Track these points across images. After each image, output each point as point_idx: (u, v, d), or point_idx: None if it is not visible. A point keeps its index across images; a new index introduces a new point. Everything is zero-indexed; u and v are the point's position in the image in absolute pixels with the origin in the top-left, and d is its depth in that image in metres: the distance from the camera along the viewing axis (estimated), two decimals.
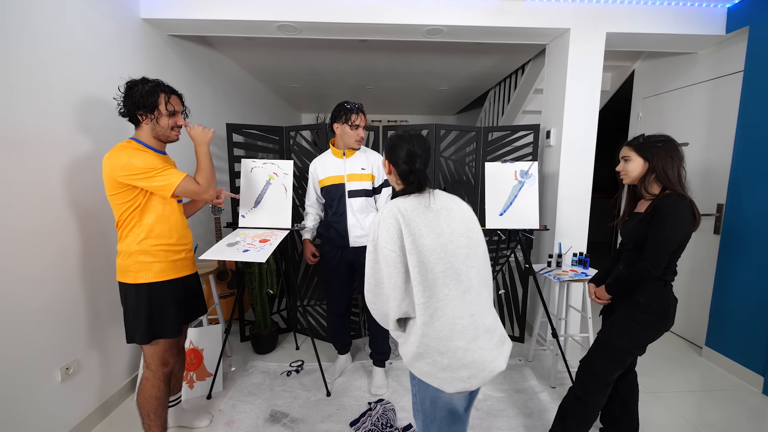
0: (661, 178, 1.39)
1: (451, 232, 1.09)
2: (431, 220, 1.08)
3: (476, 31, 2.40)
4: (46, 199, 1.58)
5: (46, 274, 1.59)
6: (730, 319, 2.37)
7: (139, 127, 1.46)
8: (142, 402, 1.52)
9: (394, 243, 1.04)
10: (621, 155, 1.50)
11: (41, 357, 1.58)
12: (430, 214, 1.09)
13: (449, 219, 1.11)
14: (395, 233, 1.04)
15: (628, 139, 1.53)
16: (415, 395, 1.16)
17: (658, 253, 1.35)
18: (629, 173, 1.47)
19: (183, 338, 1.75)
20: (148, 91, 1.40)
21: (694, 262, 2.74)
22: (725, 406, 2.05)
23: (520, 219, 2.22)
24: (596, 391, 1.49)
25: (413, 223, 1.06)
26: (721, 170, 2.52)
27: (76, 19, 1.74)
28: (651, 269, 1.36)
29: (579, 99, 2.45)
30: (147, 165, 1.35)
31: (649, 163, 1.40)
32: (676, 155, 1.38)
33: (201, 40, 2.89)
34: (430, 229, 1.06)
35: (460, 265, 1.06)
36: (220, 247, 1.85)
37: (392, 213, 1.07)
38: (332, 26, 2.33)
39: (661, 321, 1.41)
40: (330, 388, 2.16)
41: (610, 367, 1.47)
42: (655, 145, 1.40)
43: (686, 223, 1.34)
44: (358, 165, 2.04)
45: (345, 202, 2.03)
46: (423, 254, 1.03)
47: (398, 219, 1.05)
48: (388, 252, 1.04)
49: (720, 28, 2.40)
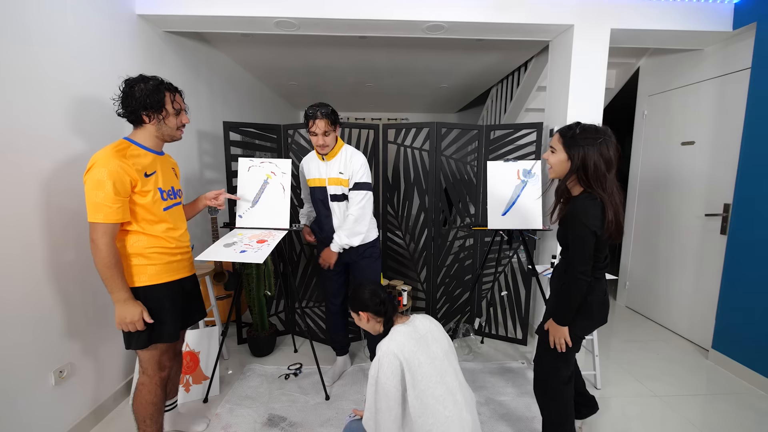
0: (583, 181, 1.28)
1: (440, 350, 1.25)
2: (422, 347, 1.23)
3: (478, 27, 2.40)
4: (39, 201, 1.58)
5: (39, 277, 1.59)
6: (737, 321, 2.37)
7: (141, 128, 1.43)
8: (138, 407, 1.51)
9: (395, 378, 1.16)
10: (550, 143, 1.37)
11: (34, 360, 1.58)
12: (422, 341, 1.24)
13: (434, 339, 1.27)
14: (397, 370, 1.17)
15: (560, 127, 1.38)
16: None
17: (580, 259, 1.29)
18: (553, 166, 1.36)
19: (180, 342, 1.74)
20: (152, 89, 1.38)
21: (700, 262, 2.74)
22: (732, 410, 2.04)
23: (523, 219, 2.22)
24: (555, 389, 1.50)
25: (411, 356, 1.19)
26: (727, 169, 2.52)
27: (69, 14, 1.73)
28: (581, 276, 1.29)
29: (583, 97, 2.45)
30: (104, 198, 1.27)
31: (572, 162, 1.28)
32: (608, 158, 1.25)
33: (197, 37, 2.89)
34: (426, 355, 1.21)
35: (452, 382, 1.22)
36: (217, 248, 1.85)
37: (391, 351, 1.19)
38: (331, 22, 2.33)
39: (587, 317, 1.39)
40: (329, 391, 2.15)
41: (556, 366, 1.48)
42: (586, 143, 1.25)
43: (594, 223, 1.25)
44: (337, 169, 2.02)
45: (328, 206, 2.07)
46: (423, 383, 1.17)
47: (398, 356, 1.17)
48: (389, 387, 1.16)
49: (727, 24, 2.39)
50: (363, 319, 1.38)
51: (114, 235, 1.33)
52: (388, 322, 1.34)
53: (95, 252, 1.30)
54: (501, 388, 2.21)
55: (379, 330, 1.38)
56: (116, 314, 1.35)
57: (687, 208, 2.84)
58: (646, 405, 2.08)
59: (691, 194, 2.82)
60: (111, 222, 1.30)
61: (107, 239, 1.30)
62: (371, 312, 1.36)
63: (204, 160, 3.00)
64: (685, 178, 2.86)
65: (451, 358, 1.29)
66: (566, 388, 1.50)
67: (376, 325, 1.38)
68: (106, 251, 1.30)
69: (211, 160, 3.09)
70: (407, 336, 1.24)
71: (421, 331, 1.27)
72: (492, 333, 2.86)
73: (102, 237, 1.29)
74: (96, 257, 1.31)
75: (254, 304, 2.56)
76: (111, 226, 1.31)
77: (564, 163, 1.32)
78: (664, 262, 3.05)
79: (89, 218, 1.29)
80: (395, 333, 1.27)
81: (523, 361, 2.51)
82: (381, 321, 1.36)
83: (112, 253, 1.32)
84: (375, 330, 1.39)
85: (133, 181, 1.34)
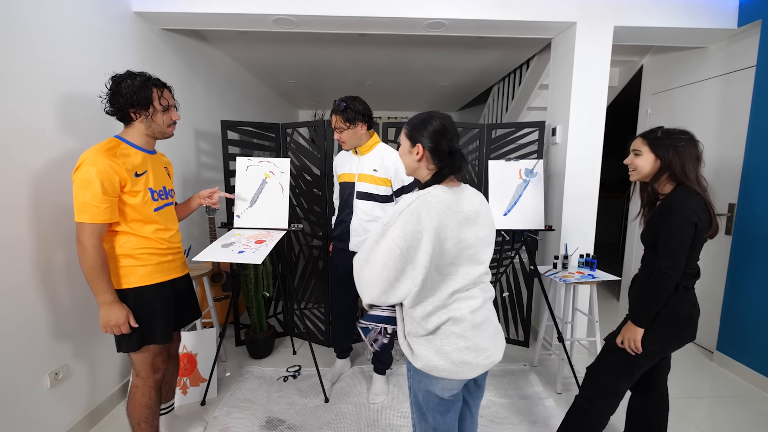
0: (678, 179, 1.30)
1: (475, 237, 1.06)
2: (460, 225, 1.03)
3: (479, 24, 2.40)
4: (30, 201, 1.57)
5: (34, 277, 1.58)
6: (742, 322, 2.36)
7: (130, 126, 1.42)
8: (132, 411, 1.51)
9: (404, 242, 0.98)
10: (632, 147, 1.40)
11: (29, 362, 1.57)
12: (460, 217, 1.04)
13: (477, 225, 1.07)
14: (411, 233, 0.98)
15: (642, 131, 1.43)
16: (410, 388, 1.18)
17: (672, 254, 1.25)
18: (639, 169, 1.38)
19: (176, 344, 1.74)
20: (138, 86, 1.36)
21: (704, 263, 2.71)
22: (737, 413, 2.04)
23: (525, 219, 2.22)
24: (602, 401, 1.44)
25: (444, 228, 1.00)
26: (732, 169, 2.51)
27: (63, 9, 1.73)
28: (669, 272, 1.25)
29: (586, 95, 2.45)
30: (92, 198, 1.26)
31: (662, 161, 1.31)
32: (695, 155, 1.29)
33: (195, 34, 2.89)
34: (455, 233, 1.02)
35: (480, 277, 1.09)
36: (215, 249, 1.84)
37: (417, 210, 0.99)
38: (330, 19, 2.33)
39: (671, 330, 1.33)
40: (328, 394, 2.15)
41: (616, 376, 1.42)
42: (674, 143, 1.30)
43: (699, 216, 1.25)
44: (371, 165, 1.96)
45: (352, 203, 2.01)
46: (440, 258, 1.02)
47: (423, 219, 0.98)
48: (393, 246, 0.99)
49: (731, 21, 2.39)
50: (414, 153, 1.10)
51: (101, 235, 1.32)
52: (438, 176, 1.08)
53: (81, 253, 1.29)
54: (503, 390, 2.21)
55: (420, 176, 1.13)
56: (101, 317, 1.33)
57: None
58: None
59: None
60: (98, 222, 1.29)
61: (94, 240, 1.29)
62: (433, 154, 1.08)
63: (201, 159, 3.00)
64: None
65: (490, 249, 1.11)
66: (614, 403, 1.44)
67: (424, 170, 1.12)
68: (92, 252, 1.29)
69: (208, 160, 3.09)
70: (449, 201, 1.03)
71: (464, 208, 1.05)
72: None
73: (89, 237, 1.28)
74: (82, 258, 1.29)
75: (252, 305, 2.55)
76: (98, 226, 1.30)
77: (651, 164, 1.35)
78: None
79: (76, 218, 1.28)
80: (438, 190, 1.04)
81: (525, 364, 2.51)
82: (434, 170, 1.10)
83: (99, 255, 1.30)
84: (414, 172, 1.14)
85: (123, 181, 1.33)
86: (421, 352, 1.06)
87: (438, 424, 1.13)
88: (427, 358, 1.05)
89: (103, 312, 1.33)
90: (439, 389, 1.08)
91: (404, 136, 1.13)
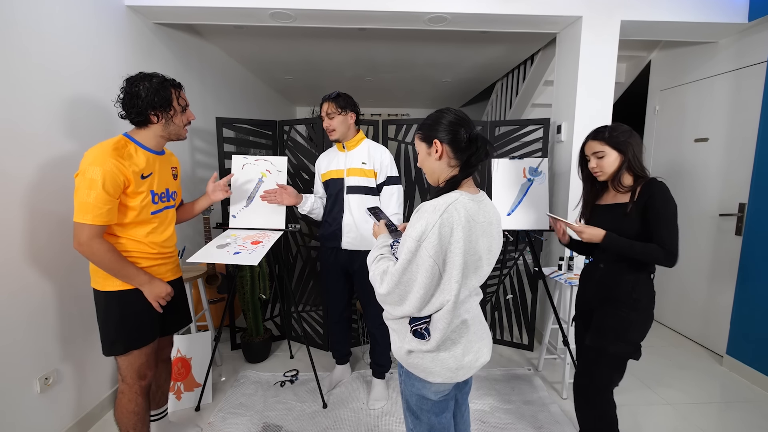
0: (635, 168, 1.43)
1: (487, 248, 1.05)
2: (478, 235, 1.00)
3: (482, 18, 2.39)
4: (22, 202, 1.57)
5: (23, 280, 1.58)
6: (753, 325, 2.36)
7: (146, 128, 1.41)
8: (119, 417, 1.51)
9: (440, 257, 0.95)
10: (592, 152, 1.47)
11: (18, 366, 1.57)
12: (479, 228, 1.00)
13: (491, 236, 1.05)
14: (445, 247, 0.95)
15: (592, 133, 1.50)
16: (401, 393, 1.19)
17: (674, 236, 1.36)
18: (605, 169, 1.46)
19: (167, 349, 1.74)
20: (157, 87, 1.36)
21: (714, 265, 2.74)
22: (747, 418, 2.04)
23: (529, 219, 2.21)
24: (609, 406, 1.49)
25: (469, 239, 0.98)
26: (743, 167, 2.51)
27: (54, 3, 1.72)
28: (673, 251, 1.35)
29: (592, 91, 2.44)
30: (95, 199, 1.25)
31: (624, 155, 1.42)
32: (641, 144, 1.44)
33: (189, 29, 2.89)
34: (473, 245, 1.00)
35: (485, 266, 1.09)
36: (210, 249, 1.84)
37: (450, 222, 0.94)
38: (329, 13, 2.32)
39: (648, 316, 1.45)
40: (326, 399, 2.15)
41: (612, 377, 1.47)
42: (626, 137, 1.43)
43: None
44: (359, 159, 2.01)
45: (343, 199, 2.02)
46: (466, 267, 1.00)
47: (455, 231, 0.95)
48: (431, 264, 0.95)
49: (742, 15, 2.39)
50: (432, 153, 1.04)
51: (101, 235, 1.32)
52: (466, 167, 1.02)
53: (90, 255, 1.30)
54: (507, 395, 2.20)
55: (444, 177, 1.05)
56: (147, 295, 1.42)
57: (700, 207, 2.84)
58: (659, 413, 2.07)
59: (704, 193, 2.81)
60: (99, 224, 1.29)
61: (95, 240, 1.30)
62: (452, 146, 1.02)
63: (196, 157, 3.00)
64: (699, 176, 2.85)
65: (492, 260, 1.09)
66: (613, 401, 1.50)
67: (446, 169, 1.04)
68: (100, 252, 1.30)
69: (203, 158, 3.09)
70: (474, 209, 0.99)
71: (482, 218, 1.01)
72: (497, 338, 2.85)
73: (90, 239, 1.28)
74: (93, 259, 1.31)
75: (248, 308, 2.55)
76: (98, 227, 1.30)
77: (617, 161, 1.44)
78: (676, 264, 3.04)
79: (76, 218, 1.27)
80: (465, 198, 0.99)
81: (529, 368, 2.50)
82: (457, 166, 1.03)
83: (108, 250, 1.32)
84: (439, 176, 1.07)
85: (127, 182, 1.33)
86: (418, 360, 1.07)
87: (433, 424, 1.14)
88: (423, 365, 1.06)
89: (146, 291, 1.42)
90: (432, 393, 1.10)
91: (419, 141, 1.10)
